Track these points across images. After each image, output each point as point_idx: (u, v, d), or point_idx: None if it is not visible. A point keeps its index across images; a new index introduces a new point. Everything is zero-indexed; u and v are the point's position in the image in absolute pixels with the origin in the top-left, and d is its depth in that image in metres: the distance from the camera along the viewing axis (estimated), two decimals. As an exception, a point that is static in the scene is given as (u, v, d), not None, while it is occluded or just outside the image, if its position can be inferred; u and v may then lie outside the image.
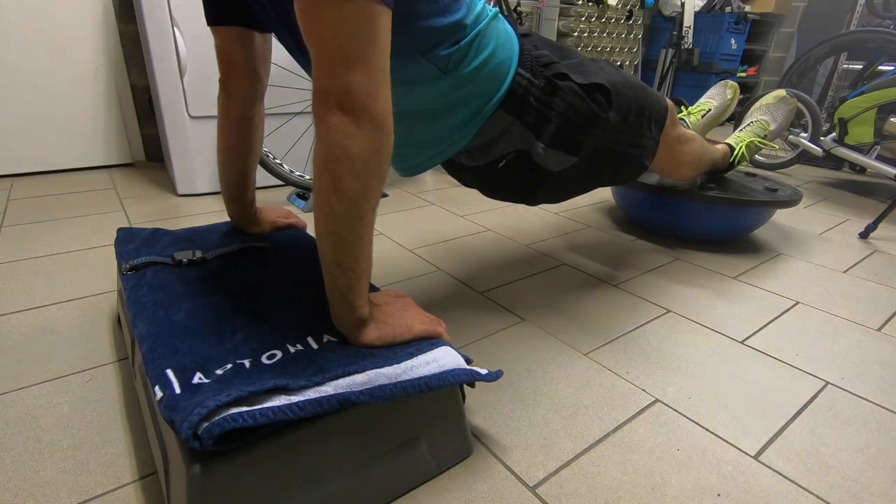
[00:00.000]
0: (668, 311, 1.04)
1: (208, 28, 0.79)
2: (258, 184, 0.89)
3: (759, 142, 1.36)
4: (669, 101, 1.04)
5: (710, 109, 1.45)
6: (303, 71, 1.60)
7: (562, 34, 2.88)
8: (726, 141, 1.37)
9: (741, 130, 1.39)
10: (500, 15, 0.79)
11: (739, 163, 1.35)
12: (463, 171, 0.94)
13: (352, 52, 0.50)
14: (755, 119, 1.40)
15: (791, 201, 1.30)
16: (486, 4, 0.77)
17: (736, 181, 1.43)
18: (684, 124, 1.41)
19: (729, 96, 1.46)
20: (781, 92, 1.41)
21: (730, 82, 1.48)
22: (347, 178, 0.52)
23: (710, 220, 1.36)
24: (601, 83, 0.80)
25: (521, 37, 0.84)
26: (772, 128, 1.38)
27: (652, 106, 0.95)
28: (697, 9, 3.21)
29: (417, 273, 1.17)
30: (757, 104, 1.44)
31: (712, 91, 1.50)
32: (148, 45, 1.50)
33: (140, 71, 1.93)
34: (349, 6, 0.49)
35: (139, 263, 0.77)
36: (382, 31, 0.53)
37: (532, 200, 0.95)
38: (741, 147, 1.34)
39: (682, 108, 1.48)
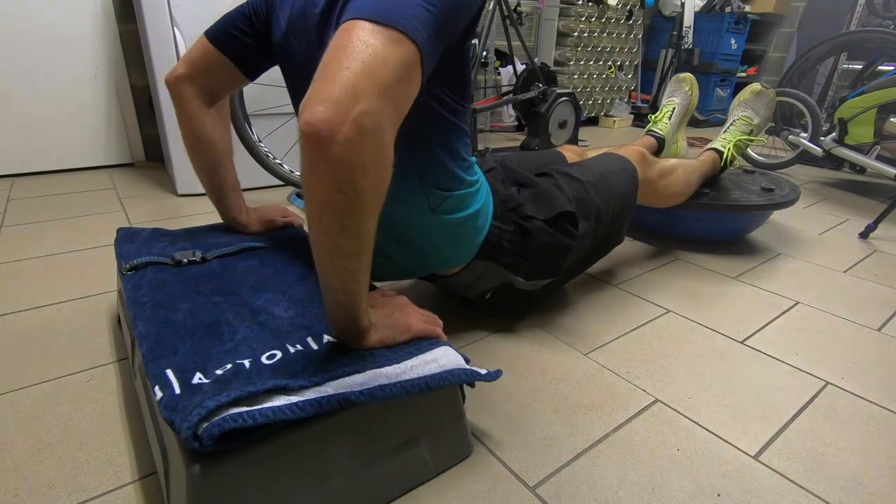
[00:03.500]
0: (668, 311, 1.04)
1: (207, 28, 0.79)
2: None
3: (745, 139, 1.37)
4: (635, 150, 1.10)
5: (674, 108, 1.47)
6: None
7: (562, 34, 2.88)
8: (712, 146, 1.37)
9: (726, 131, 1.40)
10: (484, 175, 0.85)
11: (731, 163, 1.36)
12: (452, 294, 0.99)
13: (385, 79, 0.44)
14: (737, 117, 1.41)
15: (788, 202, 1.30)
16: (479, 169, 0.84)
17: (733, 179, 1.43)
18: (655, 134, 1.42)
19: (686, 88, 1.48)
20: (756, 86, 1.42)
21: (681, 75, 1.50)
22: (357, 217, 0.46)
23: (707, 225, 1.36)
24: (565, 211, 0.84)
25: (487, 172, 0.91)
26: (755, 122, 1.40)
27: (619, 182, 1.00)
28: (697, 9, 3.21)
29: (417, 273, 1.17)
30: (735, 102, 1.45)
31: (669, 89, 1.52)
32: (148, 45, 1.50)
33: (140, 71, 1.93)
34: (399, 42, 0.46)
35: (139, 263, 0.77)
36: (413, 81, 0.49)
37: (523, 308, 1.01)
38: (729, 148, 1.35)
39: (648, 117, 1.50)
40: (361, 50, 0.44)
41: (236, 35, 0.77)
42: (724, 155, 1.34)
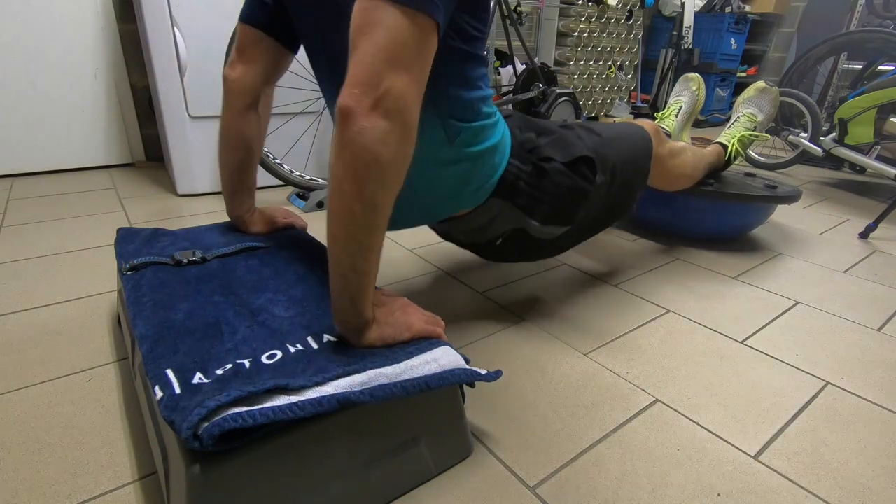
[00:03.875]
0: (668, 311, 1.04)
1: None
2: (258, 184, 0.89)
3: (749, 135, 1.38)
4: (650, 124, 1.10)
5: (681, 107, 1.47)
6: (303, 71, 1.60)
7: (562, 34, 2.88)
8: (718, 140, 1.38)
9: (730, 127, 1.41)
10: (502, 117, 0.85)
11: (735, 158, 1.37)
12: (459, 243, 0.98)
13: (403, 57, 0.50)
14: (742, 113, 1.42)
15: (791, 197, 1.31)
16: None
17: (735, 181, 1.43)
18: (663, 131, 1.42)
19: (694, 87, 1.48)
20: (761, 83, 1.43)
21: (689, 74, 1.50)
22: (374, 186, 0.51)
23: (711, 217, 1.36)
24: (584, 155, 0.83)
25: (505, 118, 0.89)
26: (759, 118, 1.40)
27: (635, 146, 1.00)
28: (697, 9, 3.21)
29: (417, 273, 1.17)
30: (740, 99, 1.46)
31: (677, 88, 1.52)
32: (148, 45, 1.50)
33: (140, 71, 1.93)
34: (414, 18, 0.50)
35: (139, 263, 0.77)
36: (431, 50, 0.54)
37: (532, 260, 1.00)
38: (733, 143, 1.36)
39: (655, 115, 1.50)
40: (381, 35, 0.49)
41: (264, 3, 0.78)
42: (729, 149, 1.35)
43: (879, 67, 2.20)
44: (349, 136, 0.49)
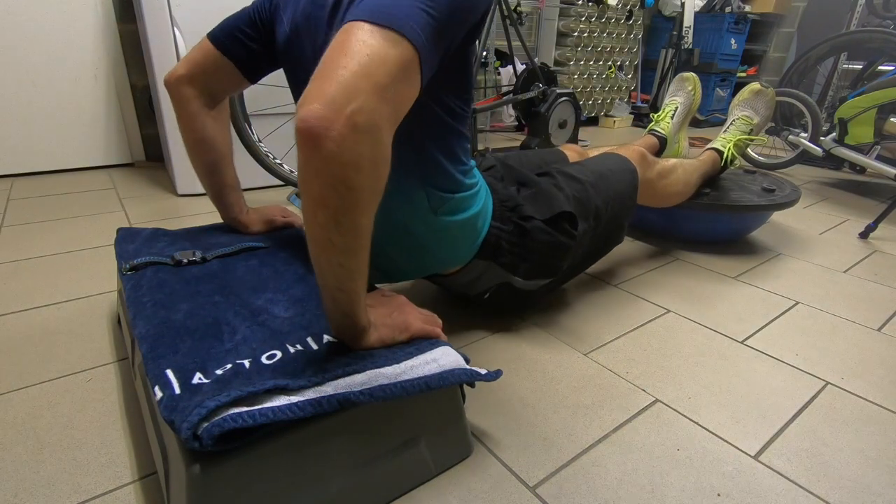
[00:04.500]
0: (668, 311, 1.04)
1: (208, 28, 0.79)
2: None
3: (745, 138, 1.37)
4: (635, 150, 1.10)
5: (676, 108, 1.46)
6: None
7: (562, 34, 2.88)
8: (712, 146, 1.37)
9: (726, 131, 1.40)
10: (483, 175, 0.86)
11: (732, 163, 1.36)
12: (450, 293, 1.00)
13: (379, 76, 0.44)
14: (737, 116, 1.41)
15: (788, 202, 1.30)
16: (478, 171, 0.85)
17: (734, 180, 1.43)
18: (657, 134, 1.42)
19: (689, 88, 1.48)
20: (756, 85, 1.42)
21: (684, 74, 1.49)
22: (351, 214, 0.46)
23: (707, 224, 1.36)
24: (564, 211, 0.84)
25: (486, 170, 0.92)
26: (755, 121, 1.40)
27: (619, 182, 1.00)
28: (697, 9, 3.21)
29: (417, 273, 1.17)
30: (735, 102, 1.45)
31: (672, 88, 1.51)
32: (148, 45, 1.50)
33: (140, 71, 1.93)
34: (397, 43, 0.47)
35: (139, 263, 0.77)
36: (410, 83, 0.49)
37: (522, 309, 1.01)
38: (729, 148, 1.35)
39: (651, 116, 1.49)
40: (359, 50, 0.45)
41: (240, 38, 0.77)
42: (725, 154, 1.34)
43: (879, 67, 2.20)
44: (317, 163, 0.42)
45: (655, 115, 1.48)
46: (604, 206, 0.94)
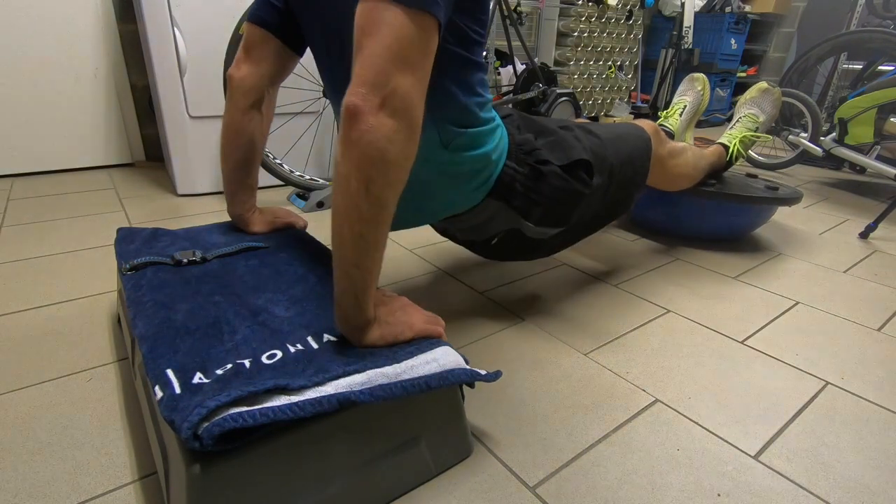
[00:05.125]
0: (668, 311, 1.04)
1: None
2: (258, 184, 0.89)
3: (751, 135, 1.38)
4: (650, 124, 1.10)
5: (685, 106, 1.47)
6: (303, 71, 1.60)
7: (562, 34, 2.88)
8: (719, 141, 1.38)
9: (732, 128, 1.41)
10: (500, 119, 0.85)
11: (737, 159, 1.37)
12: (456, 239, 0.99)
13: (408, 56, 0.51)
14: (743, 114, 1.42)
15: (792, 198, 1.31)
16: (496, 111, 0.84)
17: (737, 182, 1.43)
18: (665, 129, 1.42)
19: (699, 88, 1.48)
20: (763, 84, 1.43)
21: (695, 75, 1.50)
22: (380, 183, 0.52)
23: (711, 217, 1.36)
24: (581, 159, 0.83)
25: (504, 118, 0.89)
26: (761, 119, 1.40)
27: (634, 147, 1.00)
28: (697, 9, 3.21)
29: (417, 273, 1.17)
30: (742, 100, 1.46)
31: (682, 87, 1.52)
32: (148, 45, 1.49)
33: (140, 71, 1.93)
34: (417, 17, 0.51)
35: (139, 263, 0.77)
36: (433, 49, 0.54)
37: (529, 259, 1.01)
38: (735, 143, 1.36)
39: (659, 113, 1.50)
40: (385, 34, 0.50)
41: (272, 3, 0.78)
42: (730, 150, 1.35)
43: (879, 67, 2.20)
44: (357, 135, 0.50)
45: (664, 112, 1.48)
46: (618, 165, 0.93)
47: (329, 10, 0.71)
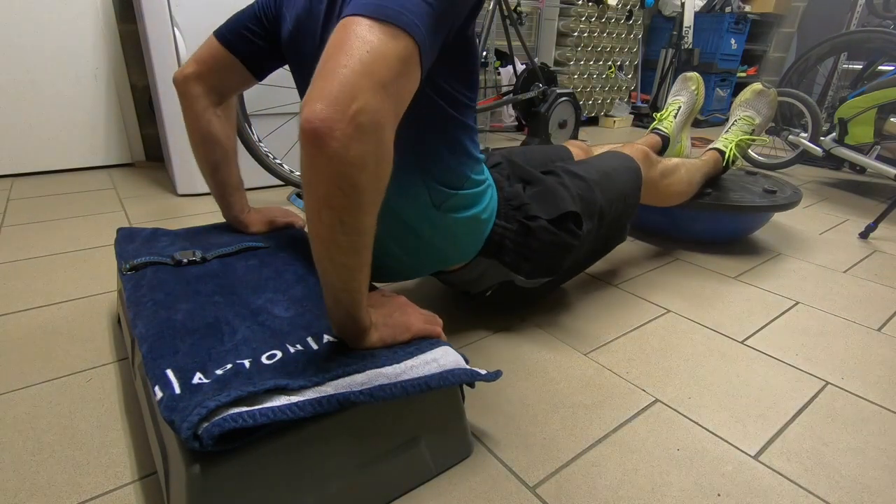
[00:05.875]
0: (668, 311, 1.04)
1: (208, 28, 0.79)
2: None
3: (747, 139, 1.37)
4: (639, 148, 1.10)
5: (680, 107, 1.46)
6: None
7: (562, 34, 2.88)
8: (714, 146, 1.37)
9: (728, 131, 1.40)
10: (490, 172, 0.85)
11: (733, 163, 1.36)
12: (452, 287, 0.99)
13: (381, 73, 0.44)
14: (739, 116, 1.42)
15: (789, 204, 1.30)
16: (487, 168, 0.84)
17: (735, 181, 1.43)
18: (660, 132, 1.42)
19: (693, 87, 1.47)
20: (758, 85, 1.42)
21: (688, 74, 1.49)
22: (355, 214, 0.46)
23: (708, 224, 1.36)
24: (569, 211, 0.84)
25: (493, 167, 0.91)
26: (757, 121, 1.40)
27: (623, 182, 1.00)
28: (697, 9, 3.21)
29: (417, 273, 1.17)
30: (737, 102, 1.45)
31: (675, 87, 1.51)
32: (148, 45, 1.50)
33: (140, 71, 1.93)
34: (396, 37, 0.46)
35: (139, 263, 0.77)
36: (411, 77, 0.49)
37: (523, 308, 1.02)
38: (731, 148, 1.35)
39: (653, 115, 1.49)
40: (359, 47, 0.44)
41: (246, 35, 0.78)
42: (727, 155, 1.35)
43: (879, 67, 2.20)
44: (322, 164, 0.43)
45: (658, 114, 1.48)
46: (608, 205, 0.93)
47: (318, 56, 0.69)
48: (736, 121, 1.40)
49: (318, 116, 0.41)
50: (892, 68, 2.10)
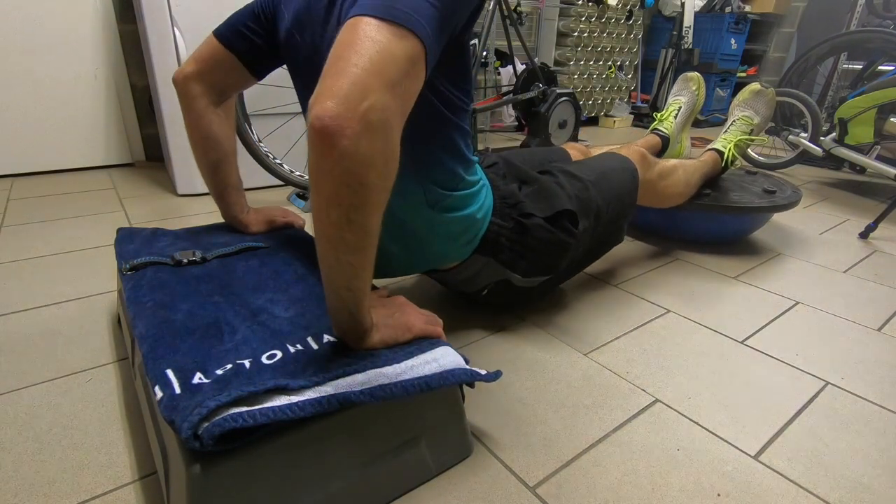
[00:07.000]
0: (668, 311, 1.04)
1: (208, 28, 0.79)
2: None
3: (746, 139, 1.37)
4: (636, 150, 1.10)
5: (680, 107, 1.46)
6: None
7: (562, 34, 2.88)
8: (713, 147, 1.37)
9: (726, 131, 1.40)
10: (485, 172, 0.85)
11: (732, 163, 1.36)
12: (448, 287, 1.00)
13: (390, 72, 0.45)
14: (737, 116, 1.41)
15: (789, 204, 1.30)
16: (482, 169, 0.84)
17: (735, 180, 1.43)
18: (660, 133, 1.42)
19: (693, 87, 1.47)
20: (756, 85, 1.42)
21: (688, 74, 1.49)
22: (363, 211, 0.47)
23: (707, 225, 1.36)
24: (565, 209, 0.84)
25: (489, 167, 0.91)
26: (756, 121, 1.39)
27: (620, 182, 1.00)
28: (697, 9, 3.21)
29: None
30: (735, 102, 1.45)
31: (676, 87, 1.51)
32: (148, 45, 1.50)
33: (140, 71, 1.93)
34: (404, 37, 0.47)
35: (139, 263, 0.77)
36: (417, 77, 0.49)
37: (520, 306, 1.02)
38: (729, 149, 1.35)
39: (653, 115, 1.49)
40: (369, 46, 0.45)
41: (245, 34, 0.78)
42: (725, 155, 1.34)
43: (879, 67, 2.20)
44: (331, 161, 0.43)
45: (658, 115, 1.48)
46: (604, 205, 0.94)
47: (318, 54, 0.69)
48: (734, 121, 1.40)
49: (329, 114, 0.42)
50: (892, 68, 2.10)
